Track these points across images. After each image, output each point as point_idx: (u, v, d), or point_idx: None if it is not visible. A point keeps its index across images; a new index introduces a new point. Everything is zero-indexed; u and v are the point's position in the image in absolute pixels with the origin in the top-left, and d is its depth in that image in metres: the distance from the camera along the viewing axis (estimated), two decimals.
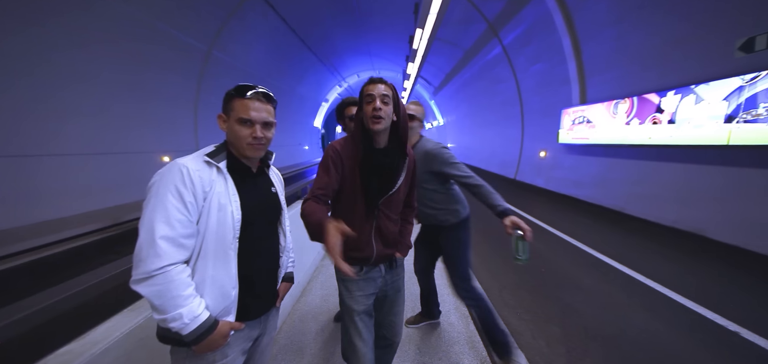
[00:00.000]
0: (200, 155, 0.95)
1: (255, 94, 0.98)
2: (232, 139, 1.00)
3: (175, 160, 0.90)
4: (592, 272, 3.48)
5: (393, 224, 1.35)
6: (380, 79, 1.21)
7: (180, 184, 0.86)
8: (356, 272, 1.29)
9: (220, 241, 0.92)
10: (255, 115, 0.97)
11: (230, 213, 0.94)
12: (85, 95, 5.65)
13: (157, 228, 0.81)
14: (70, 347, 1.04)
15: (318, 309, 2.63)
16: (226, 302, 0.94)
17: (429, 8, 6.25)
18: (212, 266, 0.91)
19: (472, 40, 11.81)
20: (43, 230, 4.76)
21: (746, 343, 2.24)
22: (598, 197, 6.77)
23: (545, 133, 9.13)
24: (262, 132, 0.99)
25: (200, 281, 0.90)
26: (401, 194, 1.34)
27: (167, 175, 0.87)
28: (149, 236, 0.81)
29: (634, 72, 5.95)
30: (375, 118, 1.17)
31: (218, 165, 0.96)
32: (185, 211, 0.86)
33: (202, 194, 0.90)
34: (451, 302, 2.76)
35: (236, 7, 8.38)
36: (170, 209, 0.84)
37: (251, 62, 10.66)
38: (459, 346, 2.18)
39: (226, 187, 0.95)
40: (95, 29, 5.54)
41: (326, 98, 22.80)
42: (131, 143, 6.68)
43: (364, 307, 1.31)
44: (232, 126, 0.97)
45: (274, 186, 1.17)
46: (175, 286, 0.82)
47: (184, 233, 0.86)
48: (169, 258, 0.82)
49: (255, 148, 0.99)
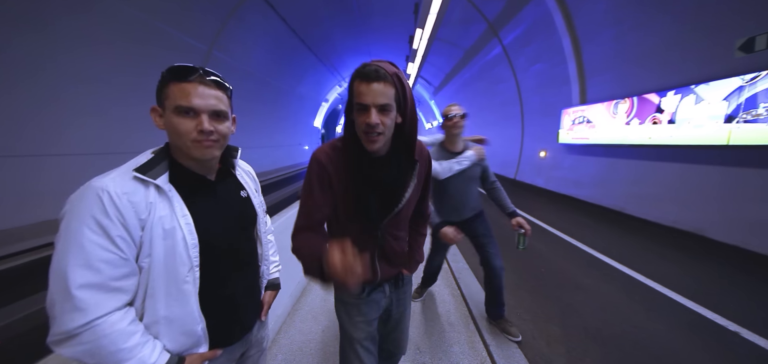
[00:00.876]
0: (127, 171, 0.72)
1: (198, 76, 0.74)
2: (172, 138, 0.76)
3: (90, 181, 0.68)
4: (592, 272, 3.48)
5: (401, 242, 1.14)
6: (376, 71, 0.83)
7: (100, 215, 0.65)
8: (358, 295, 1.12)
9: (171, 275, 0.73)
10: (199, 102, 0.73)
11: (181, 240, 0.73)
12: (86, 96, 5.66)
13: (73, 275, 0.61)
14: None
15: (318, 309, 2.63)
16: (190, 339, 0.78)
17: (429, 8, 6.26)
18: (164, 306, 0.73)
19: (472, 40, 11.81)
20: (43, 230, 4.76)
21: (746, 343, 2.24)
22: (598, 197, 6.77)
23: (545, 133, 9.13)
24: (211, 124, 0.75)
25: (151, 324, 0.72)
26: (410, 208, 1.09)
27: (80, 205, 0.65)
28: (62, 287, 0.61)
29: (634, 72, 5.95)
30: (370, 137, 0.87)
31: (155, 182, 0.73)
32: (113, 248, 0.66)
33: (138, 223, 0.69)
34: (451, 303, 2.76)
35: (236, 7, 8.38)
36: (90, 247, 0.63)
37: (251, 62, 10.66)
38: (459, 346, 2.18)
39: (171, 208, 0.74)
40: (96, 30, 5.56)
41: (326, 98, 22.81)
42: (132, 144, 6.67)
43: (365, 333, 1.13)
44: (170, 119, 0.74)
45: (244, 189, 0.96)
46: (111, 340, 0.64)
47: (115, 275, 0.66)
48: (98, 310, 0.63)
49: (204, 147, 0.76)
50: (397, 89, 0.87)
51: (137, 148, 3.72)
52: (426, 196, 1.20)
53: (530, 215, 6.03)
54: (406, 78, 0.90)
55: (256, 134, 12.43)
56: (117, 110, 6.31)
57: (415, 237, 1.27)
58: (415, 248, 1.26)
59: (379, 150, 0.92)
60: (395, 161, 0.98)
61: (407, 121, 0.93)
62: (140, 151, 0.77)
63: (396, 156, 0.98)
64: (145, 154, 0.78)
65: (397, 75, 0.87)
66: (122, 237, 0.67)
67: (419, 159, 1.04)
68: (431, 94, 23.27)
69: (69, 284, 0.62)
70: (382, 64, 0.85)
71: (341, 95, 25.24)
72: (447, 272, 3.33)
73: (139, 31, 6.33)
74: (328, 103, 23.77)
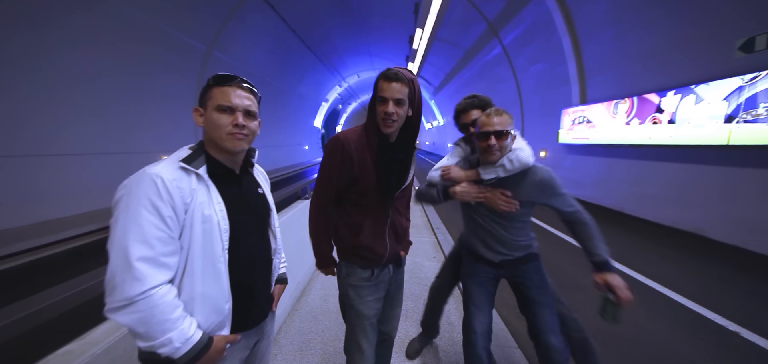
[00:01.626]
0: (174, 162, 0.83)
1: (236, 82, 0.90)
2: (210, 131, 0.89)
3: (145, 169, 0.78)
4: (592, 272, 3.48)
5: (404, 219, 1.37)
6: (396, 73, 1.09)
7: (155, 197, 0.76)
8: (368, 278, 1.27)
9: (208, 255, 0.84)
10: (237, 101, 0.88)
11: (216, 224, 0.85)
12: (85, 96, 5.66)
13: (133, 249, 0.71)
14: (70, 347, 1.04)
15: (318, 309, 2.63)
16: (219, 317, 0.88)
17: (429, 8, 6.26)
18: (201, 283, 0.83)
19: (472, 40, 11.81)
20: (43, 230, 4.76)
21: (746, 343, 2.24)
22: (598, 197, 6.77)
23: (545, 133, 9.13)
24: (245, 120, 0.89)
25: (188, 300, 0.82)
26: (411, 187, 1.36)
27: (138, 189, 0.76)
28: (123, 259, 0.71)
29: (634, 72, 5.95)
30: (386, 122, 1.12)
31: (197, 172, 0.85)
32: (164, 227, 0.76)
33: (183, 206, 0.80)
34: (451, 303, 2.76)
35: (236, 7, 8.38)
36: (146, 225, 0.73)
37: (251, 62, 10.66)
38: (459, 346, 2.18)
39: (209, 195, 0.85)
40: (96, 30, 5.55)
41: (326, 98, 22.80)
42: (131, 143, 6.68)
43: (374, 311, 1.30)
44: (210, 116, 0.87)
45: (260, 186, 1.09)
46: (161, 310, 0.73)
47: (164, 251, 0.76)
48: (152, 281, 0.73)
49: (237, 139, 0.89)
50: (411, 90, 1.13)
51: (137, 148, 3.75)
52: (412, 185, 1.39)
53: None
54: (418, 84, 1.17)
55: None
56: (116, 110, 6.30)
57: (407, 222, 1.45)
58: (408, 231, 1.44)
59: (391, 135, 1.18)
60: (403, 146, 1.23)
61: (414, 116, 1.19)
62: (139, 151, 0.79)
63: (404, 142, 1.23)
64: (184, 150, 0.89)
65: (412, 80, 1.13)
66: (171, 217, 0.78)
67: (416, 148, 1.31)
68: (431, 94, 23.27)
69: (130, 257, 0.71)
70: (401, 69, 1.12)
71: (341, 95, 25.24)
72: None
73: (138, 31, 6.32)
74: (328, 103, 23.75)
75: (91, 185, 5.77)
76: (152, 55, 6.81)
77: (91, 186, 5.78)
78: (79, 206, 5.48)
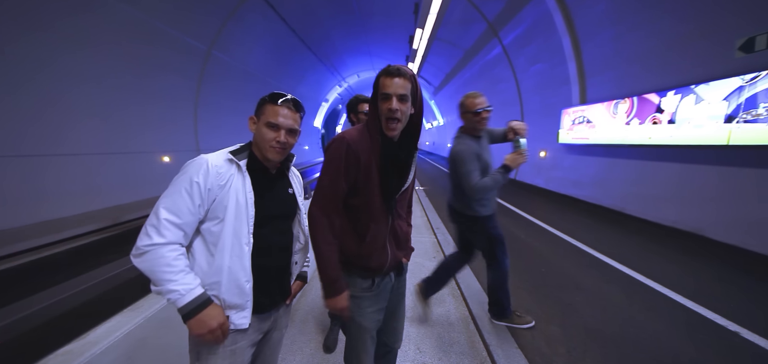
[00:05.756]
0: (225, 152, 1.03)
1: (285, 101, 1.05)
2: (258, 140, 1.06)
3: (204, 154, 0.98)
4: (592, 272, 3.48)
5: (404, 224, 1.31)
6: (398, 69, 1.05)
7: (196, 175, 0.94)
8: (368, 288, 1.21)
9: (237, 234, 0.98)
10: (282, 120, 1.03)
11: (245, 209, 1.00)
12: (87, 97, 5.66)
13: (161, 212, 0.90)
14: (70, 347, 1.04)
15: (318, 309, 2.63)
16: (241, 296, 1.00)
17: (429, 8, 6.27)
18: (229, 256, 0.97)
19: (472, 40, 11.80)
20: (43, 230, 4.76)
21: (746, 343, 2.24)
22: (598, 197, 6.77)
23: (545, 133, 9.12)
24: (287, 137, 1.05)
25: (217, 271, 0.97)
26: (412, 187, 1.29)
27: (190, 167, 0.96)
28: (153, 216, 0.90)
29: (634, 72, 5.95)
30: (391, 121, 1.06)
31: (238, 163, 1.03)
32: (191, 203, 0.93)
33: (217, 187, 0.97)
34: (451, 303, 2.76)
35: (236, 7, 8.38)
36: (178, 199, 0.92)
37: (251, 62, 10.66)
38: (459, 346, 2.18)
39: (243, 183, 1.02)
40: (97, 31, 5.55)
41: (326, 98, 22.81)
42: (131, 144, 6.68)
43: (374, 323, 1.25)
44: (260, 129, 1.04)
45: (291, 188, 1.21)
46: (165, 261, 0.88)
47: (183, 222, 0.93)
48: (162, 237, 0.89)
49: (277, 152, 1.05)
50: (413, 86, 1.08)
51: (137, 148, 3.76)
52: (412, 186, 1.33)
53: (530, 215, 6.03)
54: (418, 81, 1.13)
55: None
56: (117, 111, 6.31)
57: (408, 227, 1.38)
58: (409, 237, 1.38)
59: (395, 136, 1.12)
60: (405, 145, 1.18)
61: (417, 114, 1.13)
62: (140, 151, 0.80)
63: (406, 141, 1.18)
64: (236, 146, 1.08)
65: (414, 76, 1.09)
66: (200, 194, 0.94)
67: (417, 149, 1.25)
68: (431, 94, 23.27)
69: (158, 215, 0.90)
70: (402, 66, 1.07)
71: (341, 95, 25.24)
72: None
73: (139, 32, 6.33)
74: (328, 103, 23.76)
75: (91, 185, 5.77)
76: (152, 55, 6.81)
77: (92, 186, 5.78)
78: (79, 206, 5.48)
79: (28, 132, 4.82)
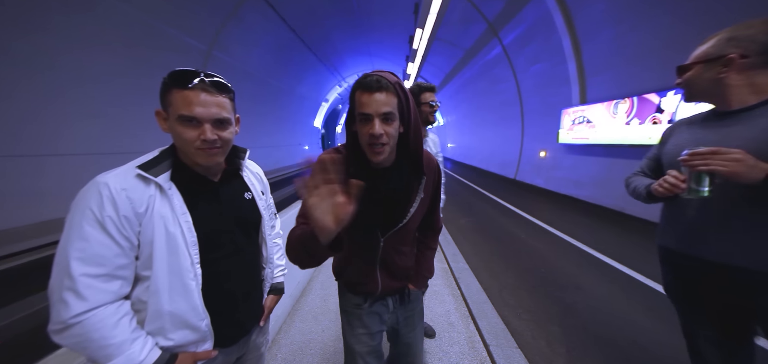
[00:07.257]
0: (131, 168, 0.74)
1: (200, 82, 0.74)
2: (178, 143, 0.78)
3: (97, 177, 0.71)
4: (592, 272, 3.48)
5: (404, 257, 1.07)
6: (378, 81, 0.80)
7: (97, 208, 0.67)
8: (359, 304, 1.07)
9: (175, 271, 0.75)
10: (201, 111, 0.73)
11: (181, 236, 0.75)
12: (86, 97, 5.66)
13: (72, 266, 0.64)
14: None
15: (318, 309, 2.63)
16: (197, 335, 0.80)
17: (429, 8, 6.26)
18: (168, 300, 0.74)
19: (472, 40, 11.81)
20: (43, 230, 4.76)
21: None
22: (598, 197, 6.77)
23: (545, 133, 9.13)
24: (214, 132, 0.76)
25: (156, 318, 0.74)
26: (415, 223, 1.03)
27: (83, 199, 0.68)
28: (61, 276, 0.65)
29: (634, 72, 5.95)
30: (374, 148, 0.83)
31: (156, 180, 0.74)
32: (110, 242, 0.68)
33: (135, 217, 0.71)
34: (451, 302, 2.76)
35: (236, 7, 8.38)
36: (89, 240, 0.66)
37: (251, 62, 10.66)
38: (459, 346, 2.18)
39: (171, 207, 0.75)
40: (97, 31, 5.56)
41: (326, 98, 22.82)
42: (131, 144, 6.67)
43: (367, 348, 1.07)
44: (174, 127, 0.74)
45: (248, 191, 0.96)
46: (101, 335, 0.65)
47: (110, 268, 0.68)
48: (91, 301, 0.65)
49: (208, 154, 0.77)
50: (400, 98, 0.83)
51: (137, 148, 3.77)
52: (435, 209, 1.12)
53: (530, 215, 6.03)
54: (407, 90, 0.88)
55: (257, 134, 12.42)
56: (116, 111, 6.30)
57: (424, 251, 1.18)
58: (422, 263, 1.16)
59: (383, 162, 0.88)
60: (400, 174, 0.93)
61: (411, 131, 0.88)
62: (139, 152, 0.78)
63: (400, 169, 0.93)
64: (152, 153, 0.79)
65: (399, 84, 0.84)
66: (117, 231, 0.69)
67: (427, 172, 0.97)
68: None
69: (70, 272, 0.64)
70: (383, 73, 0.83)
71: (341, 95, 25.25)
72: (447, 272, 3.33)
73: (139, 32, 6.33)
74: (328, 103, 23.78)
75: None
76: (152, 55, 6.81)
77: None
78: None
79: (26, 132, 4.82)
